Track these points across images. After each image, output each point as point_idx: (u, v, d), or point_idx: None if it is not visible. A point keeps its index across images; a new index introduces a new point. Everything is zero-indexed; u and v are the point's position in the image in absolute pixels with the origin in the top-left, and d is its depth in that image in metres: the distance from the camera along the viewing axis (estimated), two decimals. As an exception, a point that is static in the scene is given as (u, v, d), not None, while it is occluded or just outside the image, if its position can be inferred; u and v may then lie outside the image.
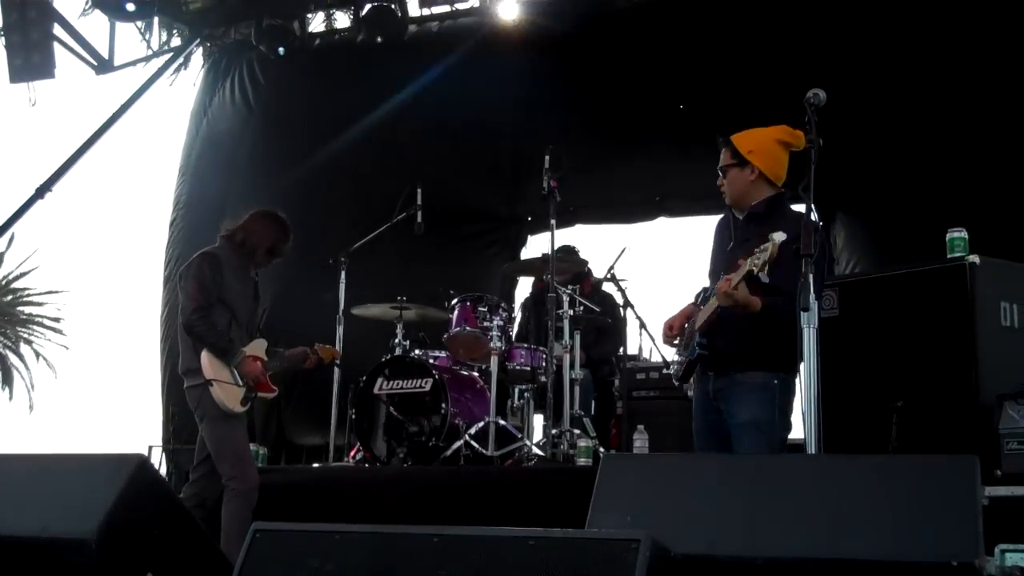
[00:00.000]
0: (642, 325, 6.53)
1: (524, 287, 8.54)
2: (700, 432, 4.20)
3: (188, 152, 9.36)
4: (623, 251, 6.54)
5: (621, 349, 6.61)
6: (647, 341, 6.70)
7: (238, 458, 4.78)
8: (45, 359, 24.92)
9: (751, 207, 4.19)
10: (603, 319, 6.72)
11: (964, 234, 4.36)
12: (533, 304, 7.18)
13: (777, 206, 4.18)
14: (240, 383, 4.84)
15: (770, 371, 3.90)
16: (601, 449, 5.96)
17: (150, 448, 8.04)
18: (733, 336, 4.02)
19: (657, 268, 10.05)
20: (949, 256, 4.33)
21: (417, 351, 6.59)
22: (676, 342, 4.26)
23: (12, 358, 24.82)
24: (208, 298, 4.82)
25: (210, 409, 4.79)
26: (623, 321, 6.41)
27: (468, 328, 6.29)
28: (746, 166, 4.19)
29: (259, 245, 5.01)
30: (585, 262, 6.98)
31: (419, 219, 6.63)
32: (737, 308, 3.89)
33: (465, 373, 6.54)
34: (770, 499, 2.77)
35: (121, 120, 8.47)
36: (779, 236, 3.71)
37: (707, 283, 4.32)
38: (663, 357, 6.44)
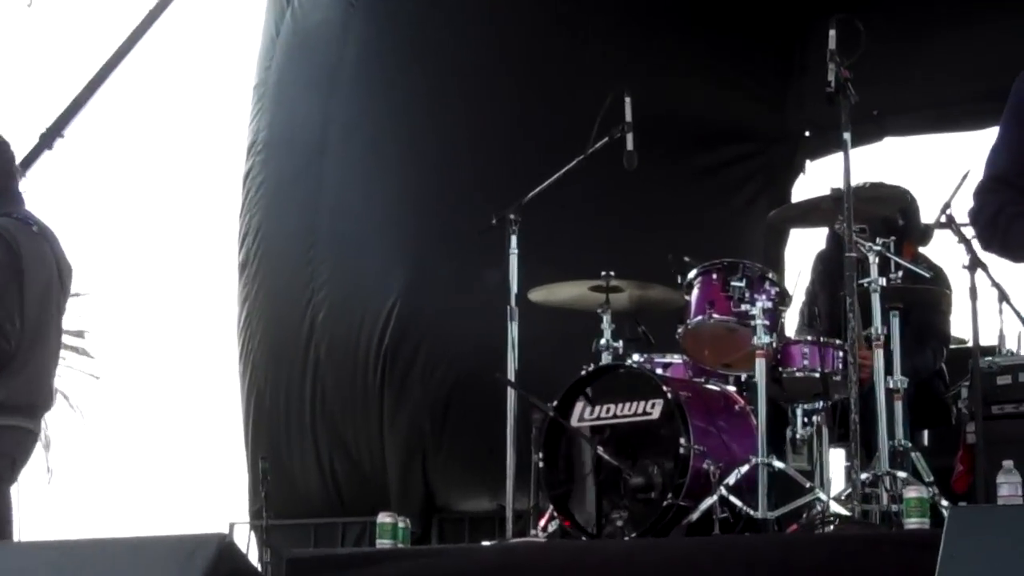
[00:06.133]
0: (1004, 297, 6.42)
1: (803, 246, 8.53)
2: None
3: (265, 65, 9.55)
4: (966, 176, 6.39)
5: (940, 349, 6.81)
6: (1011, 323, 6.70)
7: None
8: (64, 396, 25.76)
9: None
10: (938, 291, 6.76)
11: None
12: (823, 271, 7.22)
13: None
14: None
15: None
16: (944, 502, 5.95)
17: (232, 526, 8.46)
18: None
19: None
20: None
21: (636, 356, 6.66)
22: None
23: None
24: None
25: None
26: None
27: (716, 316, 6.36)
28: None
29: None
30: (907, 195, 6.92)
31: (629, 146, 6.64)
32: None
33: (715, 388, 6.62)
34: None
35: (160, 25, 8.74)
36: None
37: None
38: (1046, 348, 6.35)
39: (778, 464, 6.05)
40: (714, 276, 6.44)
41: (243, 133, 9.67)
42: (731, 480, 6.00)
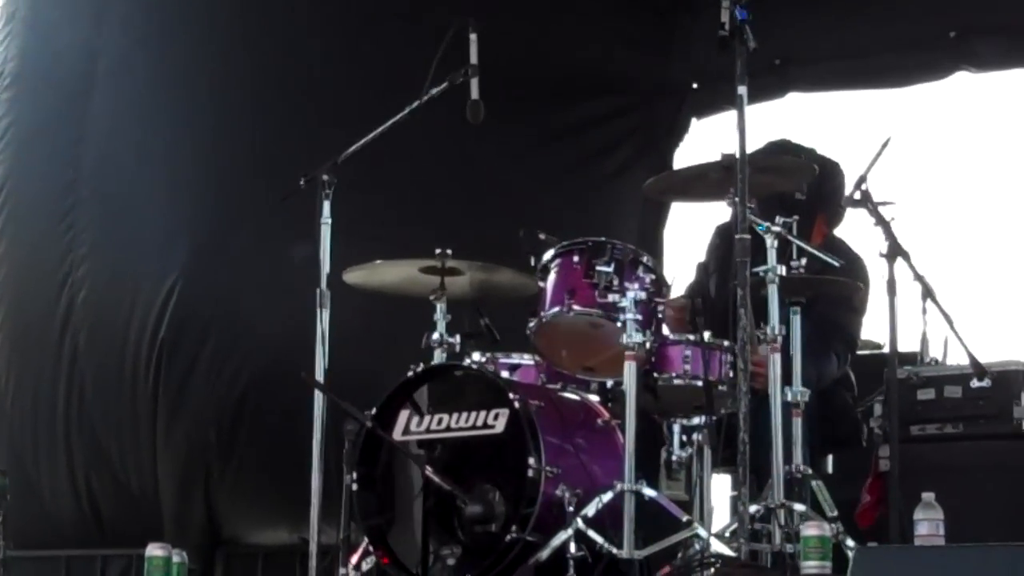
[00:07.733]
0: (928, 293, 6.43)
1: (688, 224, 8.92)
2: None
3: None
4: (886, 144, 6.39)
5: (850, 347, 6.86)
6: (936, 325, 6.75)
7: None
8: None
9: None
10: (849, 283, 6.61)
11: None
12: (721, 249, 7.16)
13: None
14: None
15: None
16: (849, 542, 5.92)
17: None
18: None
19: (950, 180, 9.84)
20: None
21: (477, 355, 6.52)
22: None
23: None
24: None
25: None
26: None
27: (577, 308, 6.23)
28: None
29: None
30: (823, 163, 6.84)
31: (474, 94, 6.46)
32: None
33: (573, 397, 6.54)
34: None
35: None
36: None
37: None
38: (972, 356, 6.41)
39: (649, 492, 5.91)
40: (575, 259, 6.34)
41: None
42: (590, 511, 5.84)
